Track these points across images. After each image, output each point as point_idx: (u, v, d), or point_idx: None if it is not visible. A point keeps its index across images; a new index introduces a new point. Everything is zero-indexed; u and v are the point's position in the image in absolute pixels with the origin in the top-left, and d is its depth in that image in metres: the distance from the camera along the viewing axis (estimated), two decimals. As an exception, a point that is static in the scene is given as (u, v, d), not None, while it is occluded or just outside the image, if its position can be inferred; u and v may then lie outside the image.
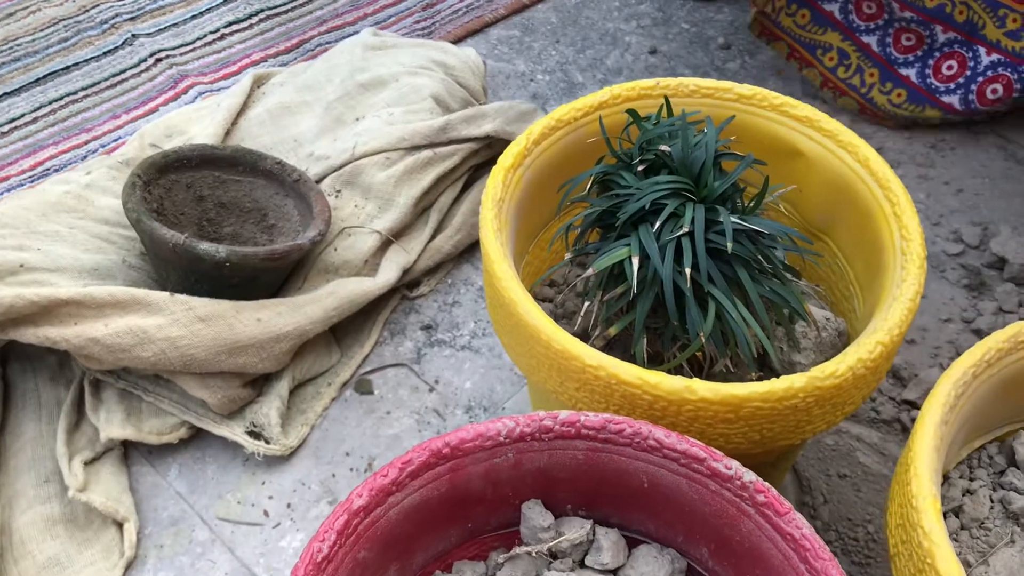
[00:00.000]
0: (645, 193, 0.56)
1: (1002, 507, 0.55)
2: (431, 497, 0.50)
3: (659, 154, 0.58)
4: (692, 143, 0.57)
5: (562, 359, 0.54)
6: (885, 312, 0.56)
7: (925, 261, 0.58)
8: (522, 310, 0.56)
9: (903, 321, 0.55)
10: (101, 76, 1.12)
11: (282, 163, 0.87)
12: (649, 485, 0.51)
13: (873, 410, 0.81)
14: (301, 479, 0.79)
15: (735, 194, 0.59)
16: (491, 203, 0.62)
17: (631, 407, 0.53)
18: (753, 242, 0.56)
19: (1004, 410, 0.57)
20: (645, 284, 0.55)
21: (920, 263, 0.58)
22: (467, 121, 0.93)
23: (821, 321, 0.66)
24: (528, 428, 0.50)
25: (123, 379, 0.80)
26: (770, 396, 0.51)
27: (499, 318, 0.61)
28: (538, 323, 0.55)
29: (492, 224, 0.60)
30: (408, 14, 1.21)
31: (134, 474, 0.79)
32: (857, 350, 0.53)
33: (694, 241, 0.54)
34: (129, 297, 0.76)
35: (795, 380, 0.52)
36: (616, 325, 0.58)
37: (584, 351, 0.53)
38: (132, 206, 0.78)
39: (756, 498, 0.47)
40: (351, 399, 0.84)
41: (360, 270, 0.86)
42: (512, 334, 0.59)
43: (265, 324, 0.77)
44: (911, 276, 0.57)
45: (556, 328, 0.55)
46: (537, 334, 0.55)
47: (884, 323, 0.55)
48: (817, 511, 0.75)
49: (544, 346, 0.55)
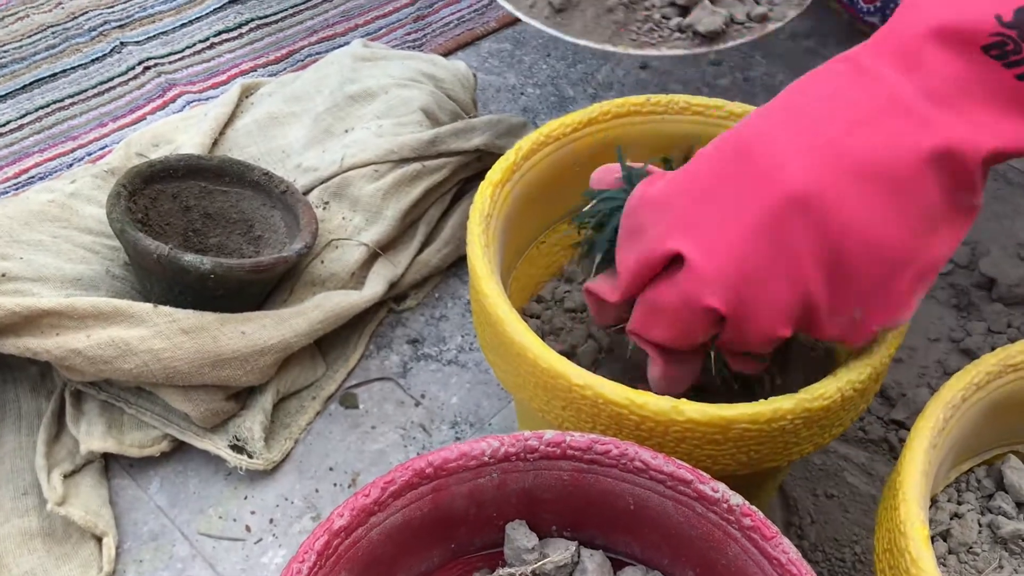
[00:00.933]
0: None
1: (990, 531, 0.55)
2: (413, 517, 0.49)
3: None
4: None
5: (548, 378, 0.54)
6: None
7: None
8: (508, 328, 0.55)
9: (893, 343, 0.54)
10: (88, 84, 1.11)
11: (269, 174, 0.87)
12: (635, 507, 0.50)
13: (861, 430, 0.81)
14: (284, 494, 0.78)
15: None
16: (479, 218, 0.61)
17: (618, 427, 0.53)
18: None
19: (993, 433, 0.57)
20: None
21: None
22: (456, 134, 0.92)
23: (809, 340, 0.65)
24: (513, 448, 0.50)
25: (105, 391, 0.79)
26: (758, 418, 0.51)
27: (485, 336, 0.60)
28: (524, 341, 0.55)
29: (479, 240, 0.60)
30: (399, 26, 1.21)
31: (114, 487, 0.78)
32: (847, 372, 0.53)
33: None
34: (112, 308, 0.75)
35: (784, 402, 0.51)
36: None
37: (571, 370, 0.53)
38: (116, 216, 0.77)
39: (742, 521, 0.47)
40: (336, 413, 0.83)
41: (347, 283, 0.86)
42: (498, 352, 0.58)
43: (249, 337, 0.76)
44: None
45: (543, 346, 0.54)
46: (523, 352, 0.55)
47: (876, 345, 0.54)
48: (804, 531, 0.75)
49: (530, 364, 0.55)
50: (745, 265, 0.47)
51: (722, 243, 0.47)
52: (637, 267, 0.50)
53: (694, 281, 0.48)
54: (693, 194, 0.49)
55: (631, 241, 0.51)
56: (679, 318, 0.50)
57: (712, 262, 0.47)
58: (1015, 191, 1.02)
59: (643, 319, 0.52)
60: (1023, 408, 0.56)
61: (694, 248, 0.48)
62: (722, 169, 0.49)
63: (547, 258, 0.74)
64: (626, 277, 0.52)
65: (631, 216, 0.52)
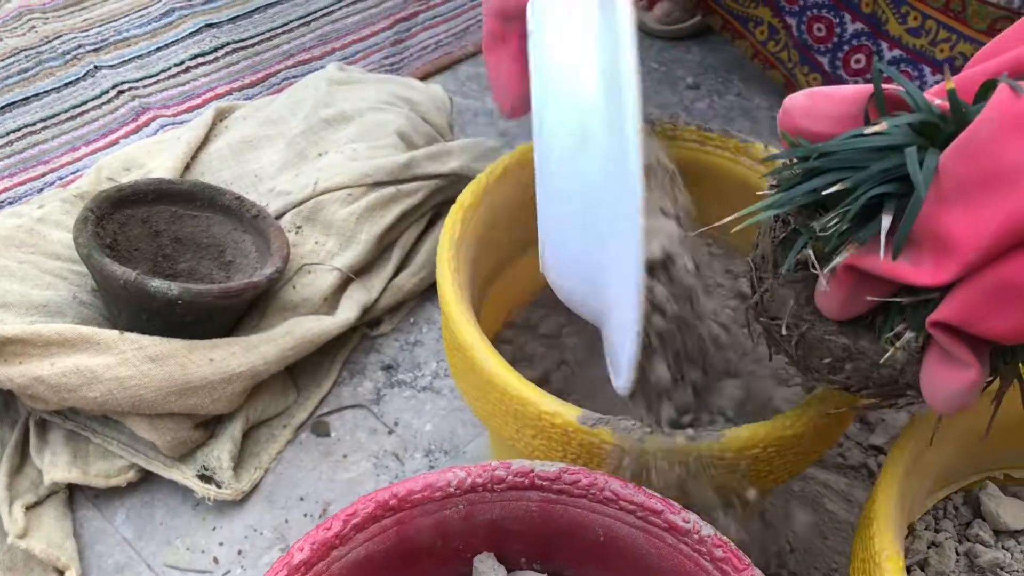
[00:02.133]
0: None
1: (968, 560, 0.54)
2: (377, 551, 0.48)
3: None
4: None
5: (518, 405, 0.53)
6: None
7: None
8: (477, 354, 0.54)
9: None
10: (61, 108, 1.10)
11: (241, 198, 0.86)
12: (605, 538, 0.49)
13: (840, 456, 0.80)
14: (253, 525, 0.76)
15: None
16: (449, 243, 0.60)
17: (588, 456, 0.52)
18: None
19: (971, 460, 0.56)
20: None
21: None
22: (432, 158, 0.91)
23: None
24: (480, 478, 0.49)
25: (71, 420, 0.77)
26: (728, 447, 0.50)
27: (455, 362, 0.59)
28: (493, 368, 0.54)
29: (449, 265, 0.59)
30: (376, 50, 1.20)
31: (79, 519, 0.76)
32: (821, 401, 0.52)
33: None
34: (77, 335, 0.73)
35: (756, 430, 0.50)
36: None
37: (541, 397, 0.52)
38: (83, 241, 0.75)
39: (714, 553, 0.46)
40: (307, 441, 0.82)
41: (319, 308, 0.84)
42: (468, 379, 0.57)
43: (218, 364, 0.75)
44: None
45: (512, 373, 0.53)
46: (492, 379, 0.54)
47: None
48: (783, 560, 0.73)
49: (500, 392, 0.53)
50: None
51: None
52: (1001, 232, 0.34)
53: None
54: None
55: (983, 193, 0.35)
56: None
57: None
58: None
59: (987, 305, 0.36)
60: (999, 435, 0.55)
61: None
62: None
63: (520, 284, 0.73)
64: (975, 247, 0.35)
65: (978, 154, 0.35)
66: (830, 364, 0.44)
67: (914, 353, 0.40)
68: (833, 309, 0.41)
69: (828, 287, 0.41)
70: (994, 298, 0.36)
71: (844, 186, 0.38)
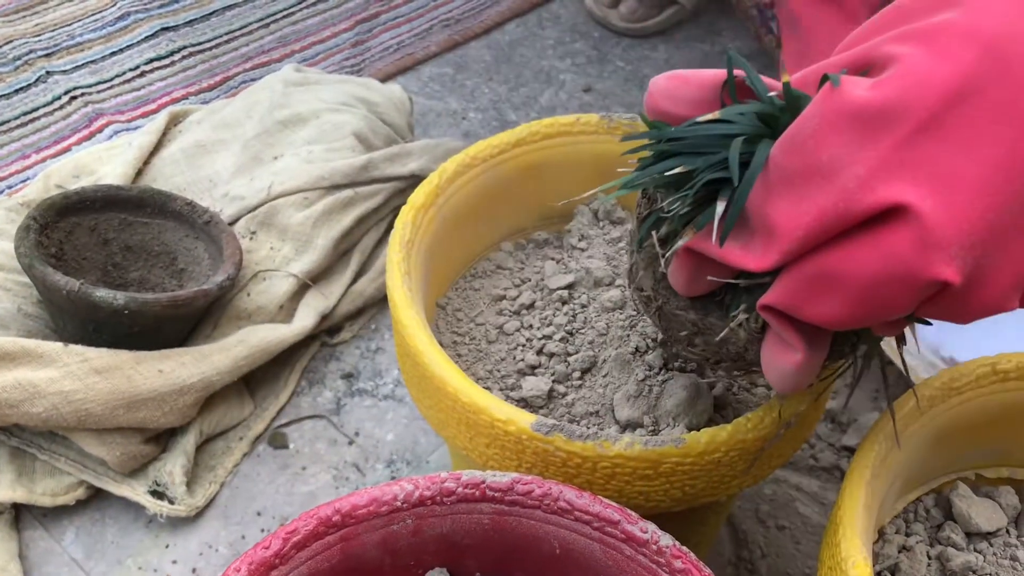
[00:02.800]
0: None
1: (939, 564, 0.52)
2: (321, 570, 0.45)
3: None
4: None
5: (470, 412, 0.50)
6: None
7: None
8: (427, 359, 0.52)
9: (836, 368, 0.52)
10: (11, 114, 1.07)
11: (192, 204, 0.83)
12: (561, 551, 0.47)
13: (812, 457, 0.78)
14: (208, 541, 0.73)
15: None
16: (398, 245, 0.58)
17: (544, 465, 0.50)
18: None
19: (939, 460, 0.54)
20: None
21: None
22: (391, 159, 0.89)
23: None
24: (428, 491, 0.46)
25: (15, 436, 0.74)
26: (690, 451, 0.48)
27: (406, 368, 0.57)
28: (444, 373, 0.51)
29: (400, 268, 0.57)
30: (337, 51, 1.18)
31: (25, 539, 0.73)
32: (789, 402, 0.50)
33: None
34: (18, 348, 0.71)
35: (717, 433, 0.48)
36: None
37: (493, 404, 0.50)
38: (24, 251, 0.73)
39: (673, 564, 0.44)
40: (264, 454, 0.79)
41: (275, 316, 0.82)
42: (420, 386, 0.55)
43: (167, 376, 0.72)
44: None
45: (464, 379, 0.51)
46: (443, 386, 0.51)
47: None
48: (755, 565, 0.71)
49: (451, 399, 0.51)
50: (990, 218, 0.34)
51: (963, 187, 0.34)
52: (817, 224, 0.35)
53: (922, 245, 0.34)
54: (919, 112, 0.34)
55: (803, 185, 0.36)
56: (878, 292, 0.36)
57: (952, 217, 0.34)
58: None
59: (806, 292, 0.37)
60: (969, 433, 0.53)
61: (927, 197, 0.34)
62: (964, 78, 0.34)
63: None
64: (793, 237, 0.36)
65: (800, 148, 0.36)
66: (686, 337, 0.46)
67: (754, 332, 0.42)
68: (679, 287, 0.43)
69: (671, 267, 0.43)
70: (812, 285, 0.37)
71: (683, 170, 0.39)
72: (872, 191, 0.34)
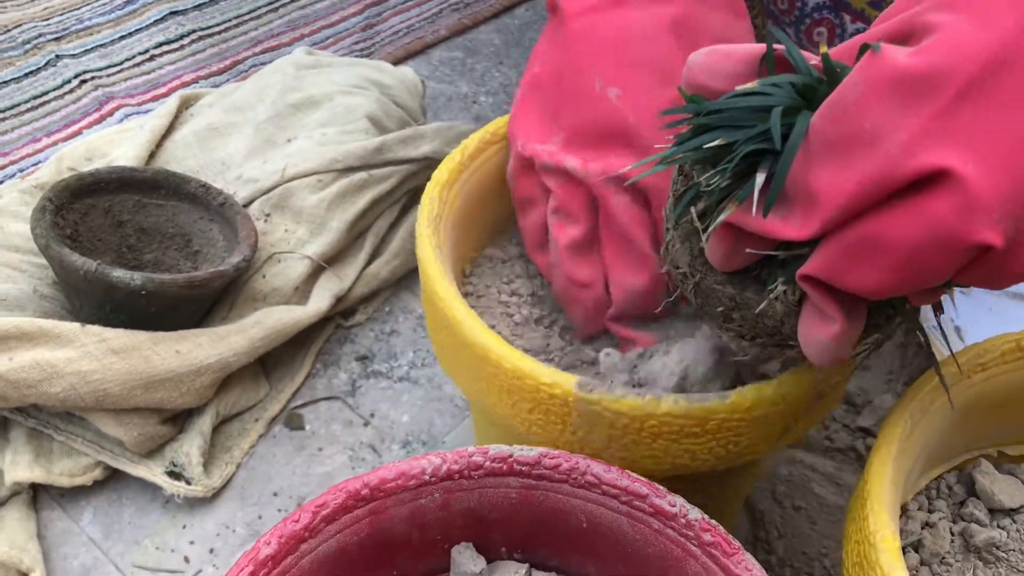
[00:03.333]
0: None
1: (963, 540, 0.52)
2: (349, 543, 0.46)
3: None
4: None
5: (514, 379, 0.50)
6: None
7: None
8: (467, 329, 0.52)
9: (870, 341, 0.52)
10: (21, 98, 1.07)
11: (207, 186, 0.83)
12: (588, 525, 0.47)
13: (827, 438, 0.78)
14: (225, 522, 0.73)
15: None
16: (427, 221, 0.58)
17: (589, 426, 0.49)
18: None
19: (963, 437, 0.54)
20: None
21: None
22: (404, 142, 0.89)
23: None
24: (456, 465, 0.46)
25: (33, 417, 0.74)
26: (738, 407, 0.48)
27: (442, 341, 0.56)
28: (486, 341, 0.51)
29: (430, 241, 0.57)
30: (347, 35, 1.18)
31: (43, 519, 0.73)
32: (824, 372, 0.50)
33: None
34: (36, 329, 0.70)
35: (764, 389, 0.48)
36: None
37: (536, 368, 0.49)
38: (40, 231, 0.72)
39: (702, 537, 0.44)
40: (280, 435, 0.79)
41: (290, 298, 0.82)
42: (457, 358, 0.55)
43: (184, 356, 0.72)
44: None
45: (506, 345, 0.51)
46: (486, 353, 0.51)
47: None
48: (771, 546, 0.72)
49: (494, 366, 0.51)
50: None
51: (1005, 152, 0.34)
52: (860, 190, 0.35)
53: (964, 209, 0.34)
54: (961, 78, 0.34)
55: (845, 152, 0.36)
56: (919, 259, 0.35)
57: (994, 182, 0.34)
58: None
59: (847, 260, 0.37)
60: (993, 410, 0.53)
61: (969, 162, 0.34)
62: (1004, 45, 0.34)
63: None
64: (835, 204, 0.36)
65: (843, 115, 0.36)
66: (723, 313, 0.46)
67: (792, 305, 0.41)
68: (716, 262, 0.43)
69: (710, 242, 0.42)
70: (853, 253, 0.37)
71: (722, 143, 0.39)
72: (915, 156, 0.34)
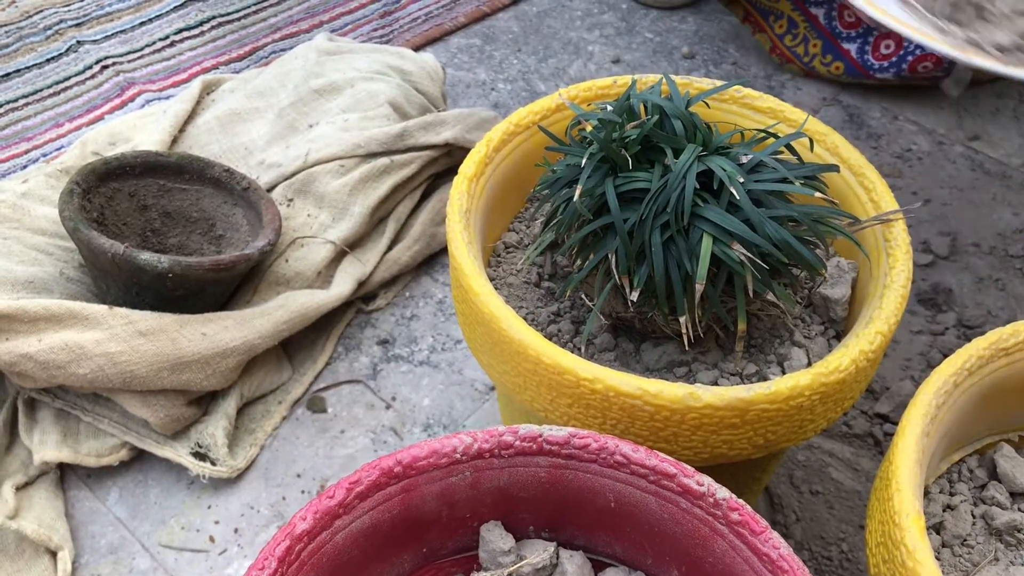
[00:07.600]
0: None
1: (984, 523, 0.53)
2: (382, 520, 0.46)
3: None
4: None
5: (553, 374, 0.51)
6: (877, 301, 0.53)
7: (910, 246, 0.56)
8: (504, 325, 0.52)
9: (899, 309, 0.53)
10: (44, 84, 1.08)
11: (230, 171, 0.83)
12: (616, 504, 0.48)
13: (845, 424, 0.79)
14: (249, 502, 0.74)
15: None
16: (458, 215, 0.58)
17: (630, 420, 0.50)
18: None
19: (984, 421, 0.55)
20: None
21: (906, 248, 0.56)
22: (425, 128, 0.90)
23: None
24: (487, 444, 0.47)
25: (60, 398, 0.75)
26: (776, 396, 0.48)
27: (476, 335, 0.57)
28: (525, 338, 0.52)
29: (462, 236, 0.57)
30: (366, 22, 1.18)
31: (71, 499, 0.75)
32: (858, 342, 0.51)
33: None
34: (65, 311, 0.71)
35: (800, 378, 0.49)
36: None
37: (577, 364, 0.50)
38: (69, 215, 0.73)
39: (730, 516, 0.44)
40: (303, 418, 0.80)
41: (313, 282, 0.82)
42: (493, 352, 0.55)
43: (210, 339, 0.73)
44: (899, 263, 0.55)
45: (544, 341, 0.51)
46: (524, 350, 0.52)
47: (880, 312, 0.53)
48: (790, 530, 0.72)
49: (533, 362, 0.51)
50: None
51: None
52: None
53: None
54: None
55: None
56: None
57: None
58: (992, 180, 1.00)
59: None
60: (1015, 394, 0.54)
61: None
62: None
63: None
64: None
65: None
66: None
67: None
68: None
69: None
70: None
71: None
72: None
